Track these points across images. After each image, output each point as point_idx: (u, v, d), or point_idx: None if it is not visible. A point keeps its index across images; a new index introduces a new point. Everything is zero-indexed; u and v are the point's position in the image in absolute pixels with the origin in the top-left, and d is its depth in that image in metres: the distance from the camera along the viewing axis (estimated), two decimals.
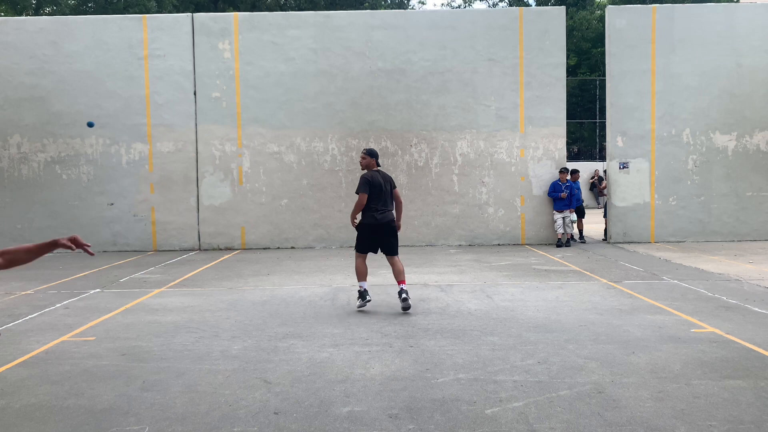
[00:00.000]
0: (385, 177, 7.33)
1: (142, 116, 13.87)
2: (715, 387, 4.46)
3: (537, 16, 14.13)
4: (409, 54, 13.97)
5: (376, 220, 7.16)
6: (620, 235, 13.95)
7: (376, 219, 7.16)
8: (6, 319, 7.02)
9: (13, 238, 13.85)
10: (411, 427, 3.86)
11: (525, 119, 13.98)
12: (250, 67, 13.92)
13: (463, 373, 4.86)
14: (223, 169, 13.98)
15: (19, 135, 13.90)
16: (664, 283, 8.73)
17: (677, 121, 13.94)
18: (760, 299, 7.49)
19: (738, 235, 13.98)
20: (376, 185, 7.17)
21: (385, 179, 7.31)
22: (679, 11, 14.01)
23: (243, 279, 9.68)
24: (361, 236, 7.32)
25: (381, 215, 7.17)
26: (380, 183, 7.20)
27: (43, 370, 5.11)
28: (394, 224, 7.30)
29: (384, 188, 7.21)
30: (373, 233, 7.23)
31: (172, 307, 7.55)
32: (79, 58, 13.83)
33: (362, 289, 7.24)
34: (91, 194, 13.89)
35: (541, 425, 3.85)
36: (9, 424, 4.02)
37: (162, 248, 13.88)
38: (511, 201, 14.05)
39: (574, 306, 7.27)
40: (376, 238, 7.25)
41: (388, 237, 7.24)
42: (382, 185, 7.21)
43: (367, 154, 7.35)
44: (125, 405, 4.31)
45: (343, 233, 13.99)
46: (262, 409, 4.20)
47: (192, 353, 5.55)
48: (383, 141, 14.03)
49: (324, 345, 5.75)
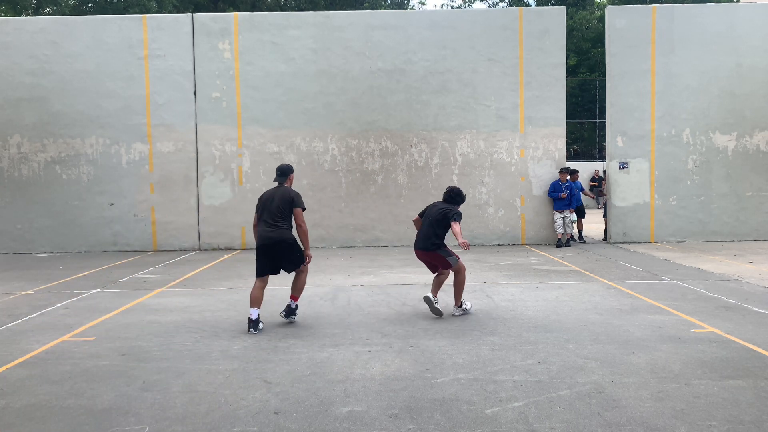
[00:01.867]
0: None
1: (142, 116, 13.87)
2: (715, 387, 4.46)
3: (537, 16, 14.13)
4: (409, 54, 13.98)
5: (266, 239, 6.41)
6: (620, 235, 13.95)
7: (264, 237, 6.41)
8: (6, 319, 7.02)
9: (13, 238, 13.86)
10: (411, 427, 3.86)
11: (525, 119, 13.98)
12: (250, 67, 13.92)
13: (463, 373, 4.86)
14: (223, 169, 13.98)
15: (19, 135, 13.90)
16: (664, 283, 8.73)
17: (677, 121, 13.94)
18: (760, 299, 7.49)
19: (738, 235, 13.98)
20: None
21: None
22: (679, 11, 14.01)
23: (243, 279, 9.68)
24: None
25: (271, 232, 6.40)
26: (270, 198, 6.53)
27: (43, 370, 5.11)
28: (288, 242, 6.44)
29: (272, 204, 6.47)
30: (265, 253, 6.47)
31: (172, 307, 7.55)
32: (79, 58, 13.83)
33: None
34: (91, 194, 13.89)
35: (541, 425, 3.85)
36: (9, 424, 4.02)
37: (162, 248, 13.88)
38: (511, 201, 14.05)
39: (574, 306, 7.27)
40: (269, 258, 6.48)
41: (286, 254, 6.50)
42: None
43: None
44: (125, 405, 4.31)
45: (342, 233, 13.99)
46: (262, 409, 4.20)
47: (192, 353, 5.55)
48: (383, 141, 14.03)
49: (324, 345, 5.75)
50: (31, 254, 13.60)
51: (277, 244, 6.38)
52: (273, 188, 6.69)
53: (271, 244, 6.39)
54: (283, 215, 6.44)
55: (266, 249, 6.42)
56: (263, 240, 6.40)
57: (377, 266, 10.92)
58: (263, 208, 6.53)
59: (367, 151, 14.04)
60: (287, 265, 6.53)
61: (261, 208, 6.56)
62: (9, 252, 13.82)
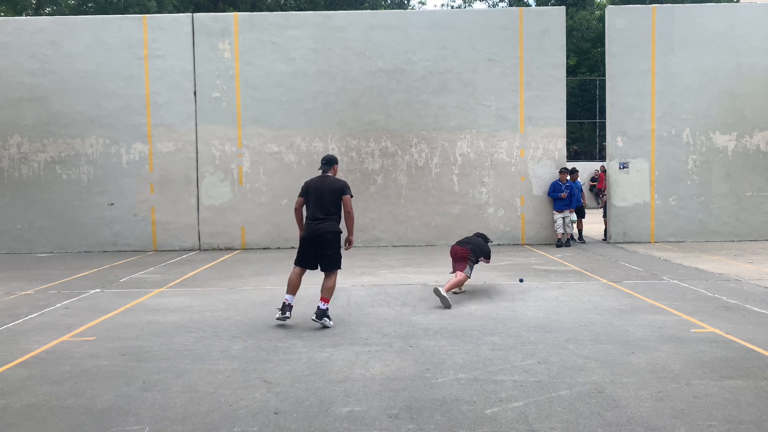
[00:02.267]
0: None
1: (142, 116, 13.87)
2: (715, 387, 4.46)
3: (537, 16, 14.13)
4: (409, 54, 13.98)
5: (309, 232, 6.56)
6: (620, 235, 13.95)
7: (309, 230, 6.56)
8: (6, 319, 7.02)
9: (13, 238, 13.86)
10: (411, 427, 3.86)
11: (525, 119, 13.98)
12: (250, 67, 13.92)
13: (463, 373, 4.86)
14: (223, 169, 13.98)
15: (19, 135, 13.90)
16: (664, 283, 8.73)
17: (677, 121, 13.94)
18: (760, 299, 7.49)
19: (738, 235, 13.98)
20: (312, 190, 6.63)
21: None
22: (679, 11, 14.01)
23: (243, 279, 9.68)
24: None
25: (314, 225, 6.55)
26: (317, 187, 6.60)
27: (43, 370, 5.11)
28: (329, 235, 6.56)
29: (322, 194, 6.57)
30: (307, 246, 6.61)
31: (172, 307, 7.55)
32: (79, 58, 13.83)
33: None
34: (91, 194, 13.89)
35: (541, 425, 3.85)
36: (9, 424, 4.02)
37: (162, 248, 13.88)
38: (511, 201, 14.05)
39: (574, 306, 7.27)
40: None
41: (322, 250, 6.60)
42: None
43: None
44: (125, 405, 4.31)
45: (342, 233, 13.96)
46: (262, 409, 4.20)
47: (192, 353, 5.55)
48: (383, 141, 14.04)
49: (324, 345, 5.75)
50: (31, 254, 13.61)
51: (322, 236, 6.52)
52: (318, 177, 6.76)
53: (315, 237, 6.53)
54: (333, 206, 6.60)
55: (311, 241, 6.57)
56: (310, 232, 6.56)
57: (377, 266, 10.93)
58: (311, 197, 6.62)
59: (367, 151, 14.04)
60: (323, 261, 6.61)
61: (308, 196, 6.66)
62: (9, 252, 13.83)
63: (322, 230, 6.52)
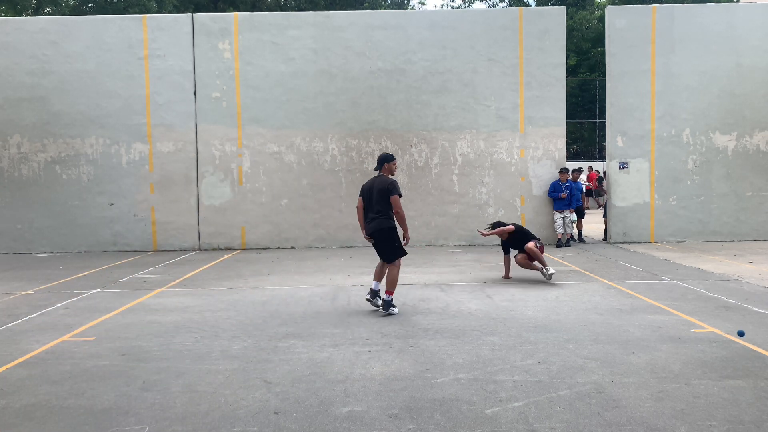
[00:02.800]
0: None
1: (142, 116, 13.87)
2: (715, 387, 4.46)
3: (537, 16, 14.13)
4: (409, 54, 13.98)
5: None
6: (620, 235, 13.95)
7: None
8: (6, 319, 7.02)
9: (13, 238, 13.87)
10: (411, 427, 3.86)
11: (525, 119, 13.98)
12: (250, 67, 13.93)
13: (463, 373, 4.86)
14: (223, 169, 13.98)
15: (19, 135, 13.90)
16: (664, 283, 8.73)
17: (677, 121, 13.94)
18: (760, 299, 7.49)
19: (738, 235, 13.98)
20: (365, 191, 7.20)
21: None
22: (679, 11, 14.01)
23: (243, 279, 9.68)
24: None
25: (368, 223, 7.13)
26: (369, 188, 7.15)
27: (43, 370, 5.11)
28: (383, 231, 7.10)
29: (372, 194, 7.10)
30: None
31: (172, 307, 7.55)
32: (79, 58, 13.83)
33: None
34: (91, 194, 13.89)
35: (541, 425, 3.85)
36: (9, 424, 4.03)
37: (162, 248, 13.88)
38: (511, 201, 14.05)
39: (574, 306, 7.27)
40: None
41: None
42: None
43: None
44: (125, 405, 4.31)
45: (342, 233, 13.99)
46: (262, 409, 4.20)
47: (192, 353, 5.55)
48: (383, 141, 14.04)
49: (324, 345, 5.75)
50: (31, 254, 13.61)
51: (375, 233, 7.05)
52: (372, 177, 7.21)
53: (371, 233, 7.08)
54: (382, 204, 7.00)
55: (372, 236, 7.10)
56: (367, 230, 7.12)
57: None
58: (366, 197, 7.11)
59: (367, 151, 14.04)
60: (382, 254, 7.14)
61: (364, 196, 7.15)
62: (9, 252, 13.83)
63: (373, 228, 7.05)
